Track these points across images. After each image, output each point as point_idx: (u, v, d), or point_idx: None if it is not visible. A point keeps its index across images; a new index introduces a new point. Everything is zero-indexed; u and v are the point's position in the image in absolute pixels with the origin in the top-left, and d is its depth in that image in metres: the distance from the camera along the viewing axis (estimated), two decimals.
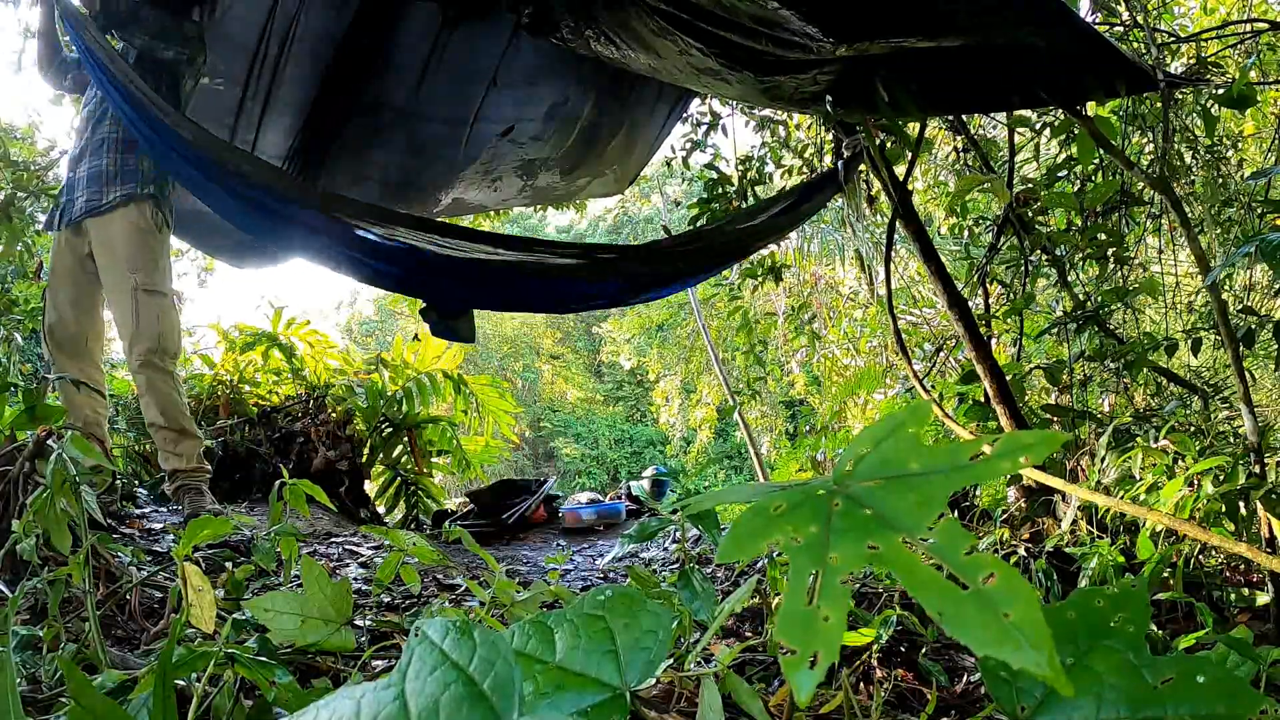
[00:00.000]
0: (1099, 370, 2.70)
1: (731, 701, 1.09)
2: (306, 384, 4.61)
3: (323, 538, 3.19)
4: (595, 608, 0.69)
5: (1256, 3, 3.83)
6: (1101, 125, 2.31)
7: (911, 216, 2.77)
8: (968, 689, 1.54)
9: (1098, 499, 1.45)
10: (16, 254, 3.55)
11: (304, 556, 1.27)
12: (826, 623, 0.35)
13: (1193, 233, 2.06)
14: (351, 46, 3.42)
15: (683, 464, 14.72)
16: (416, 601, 2.17)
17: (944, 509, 0.40)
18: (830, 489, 0.45)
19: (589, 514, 4.68)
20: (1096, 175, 2.81)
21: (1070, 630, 0.58)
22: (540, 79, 3.75)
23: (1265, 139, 3.66)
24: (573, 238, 22.18)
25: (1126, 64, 2.07)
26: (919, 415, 0.50)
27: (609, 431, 20.09)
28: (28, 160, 3.67)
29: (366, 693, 0.54)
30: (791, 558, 0.40)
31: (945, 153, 4.42)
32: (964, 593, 0.35)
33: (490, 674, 0.54)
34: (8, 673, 0.77)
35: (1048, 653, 0.32)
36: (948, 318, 2.96)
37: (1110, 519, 2.10)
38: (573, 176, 4.41)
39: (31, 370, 4.85)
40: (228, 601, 1.71)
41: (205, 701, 1.03)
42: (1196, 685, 0.51)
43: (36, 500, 1.32)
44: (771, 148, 4.04)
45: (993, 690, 0.57)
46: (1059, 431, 0.43)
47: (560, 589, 1.67)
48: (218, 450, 3.92)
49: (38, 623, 1.47)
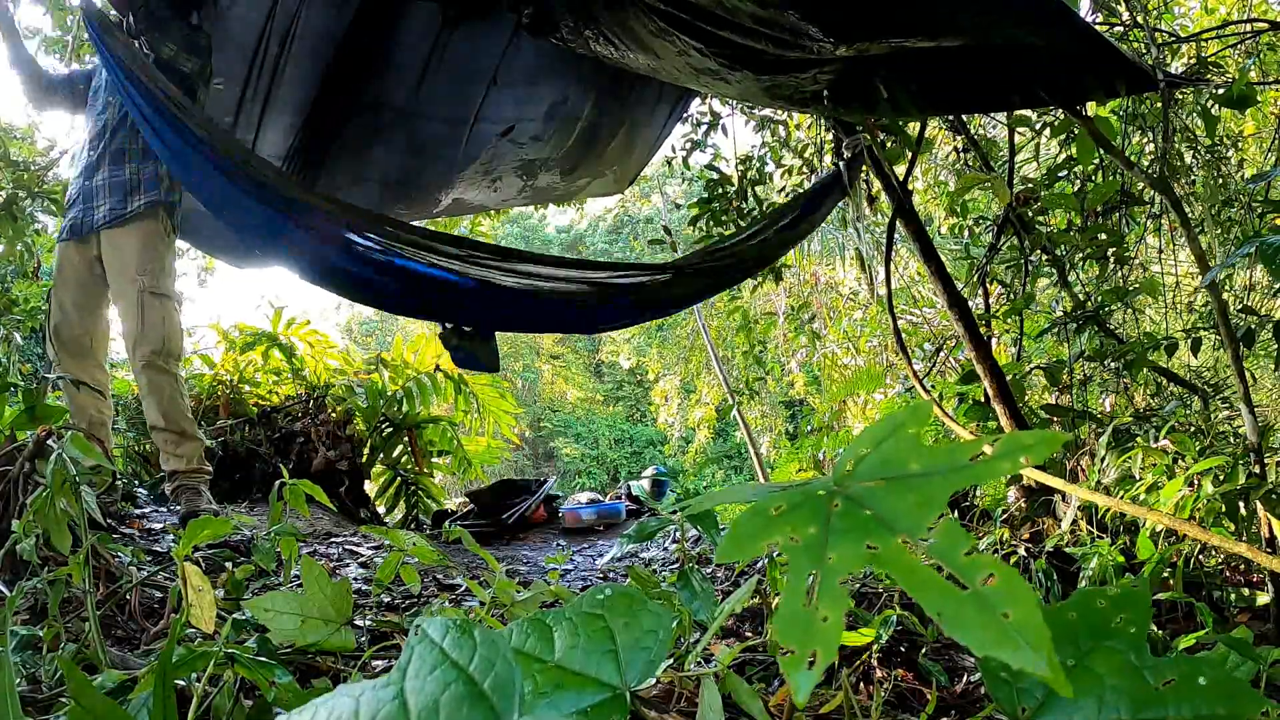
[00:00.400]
0: (1099, 370, 2.70)
1: (731, 701, 1.09)
2: (306, 384, 4.61)
3: (323, 538, 3.19)
4: (595, 607, 0.68)
5: (1256, 3, 3.83)
6: (1101, 125, 2.31)
7: (911, 216, 2.77)
8: (968, 689, 1.54)
9: (1098, 499, 1.45)
10: (17, 254, 3.55)
11: (304, 556, 1.27)
12: (825, 623, 0.35)
13: (1193, 233, 2.06)
14: (352, 46, 3.42)
15: (682, 464, 14.71)
16: (416, 601, 2.16)
17: (944, 509, 0.39)
18: (830, 489, 0.45)
19: (589, 514, 4.68)
20: (1097, 175, 2.81)
21: (1071, 631, 0.58)
22: (540, 79, 3.75)
23: (1265, 139, 3.66)
24: (572, 238, 22.19)
25: (1126, 64, 2.07)
26: (919, 415, 0.50)
27: (609, 431, 20.09)
28: (28, 160, 3.67)
29: (366, 691, 0.54)
30: (790, 558, 0.40)
31: (945, 153, 4.42)
32: (963, 593, 0.35)
33: (490, 673, 0.54)
34: (7, 673, 0.77)
35: (1047, 653, 0.32)
36: (948, 318, 2.96)
37: (1110, 519, 2.10)
38: (573, 176, 4.41)
39: (31, 370, 4.85)
40: (228, 601, 1.71)
41: (205, 701, 1.03)
42: (1198, 687, 0.51)
43: (36, 500, 1.32)
44: (771, 147, 4.04)
45: (993, 691, 0.57)
46: (1059, 431, 0.43)
47: (560, 589, 1.67)
48: (218, 450, 3.92)
49: (38, 623, 1.47)
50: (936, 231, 4.52)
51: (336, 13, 3.33)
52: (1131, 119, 2.73)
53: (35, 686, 1.19)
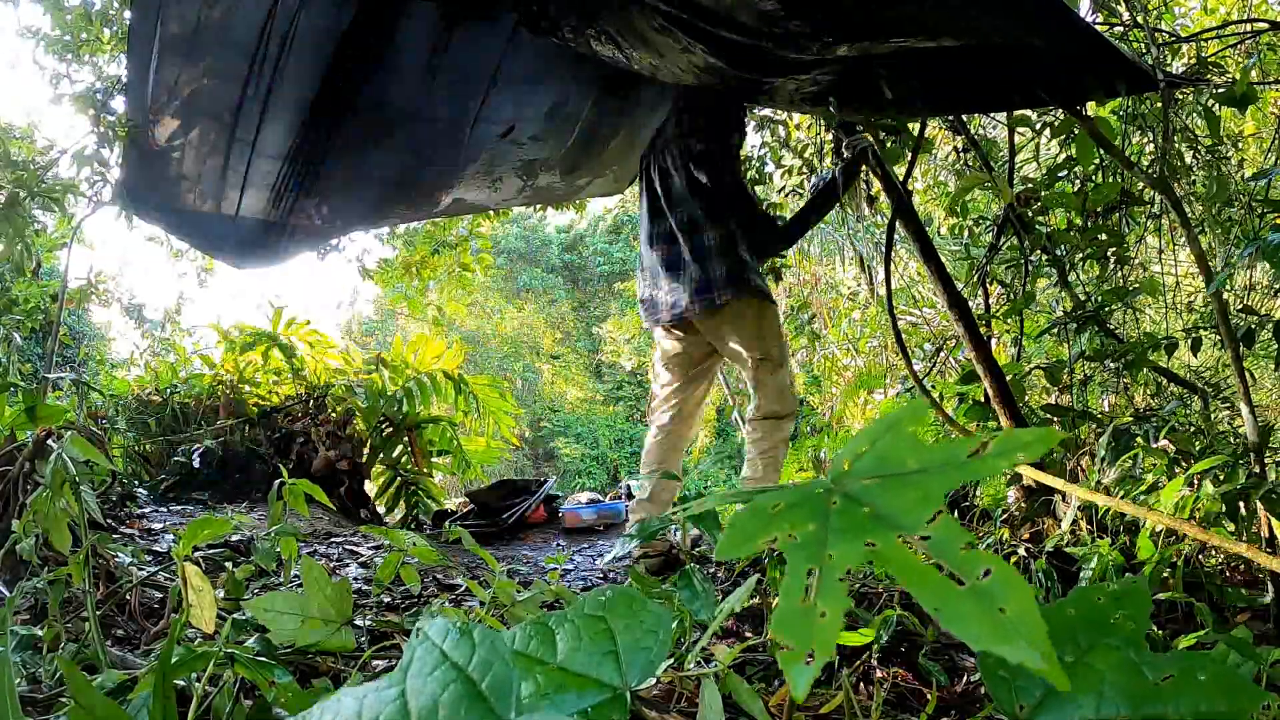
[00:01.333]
0: (1099, 370, 2.70)
1: (732, 701, 1.09)
2: (306, 384, 4.61)
3: (323, 538, 3.19)
4: (596, 608, 0.69)
5: (1256, 3, 3.83)
6: (1101, 125, 2.31)
7: (911, 216, 2.77)
8: (968, 689, 1.54)
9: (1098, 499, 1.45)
10: (16, 253, 3.55)
11: (304, 557, 1.27)
12: (823, 619, 0.35)
13: (1193, 233, 2.06)
14: (352, 45, 3.42)
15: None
16: (416, 601, 2.16)
17: (941, 506, 0.40)
18: (828, 487, 0.45)
19: (589, 514, 4.68)
20: (1097, 175, 2.81)
21: (1070, 628, 0.58)
22: (540, 79, 3.75)
23: (1265, 139, 3.66)
24: (572, 238, 22.19)
25: (1126, 64, 2.07)
26: (916, 414, 0.50)
27: (609, 431, 20.09)
28: (27, 160, 3.67)
29: (368, 693, 0.54)
30: (789, 555, 0.40)
31: (945, 153, 4.42)
32: (960, 589, 0.35)
33: (489, 674, 0.54)
34: (7, 673, 0.77)
35: (1043, 648, 0.32)
36: (948, 318, 2.96)
37: (1110, 519, 2.10)
38: (573, 176, 4.41)
39: (31, 370, 4.85)
40: (228, 601, 1.71)
41: (205, 701, 1.03)
42: (1197, 683, 0.51)
43: (37, 500, 1.32)
44: (771, 147, 4.04)
45: (991, 688, 0.57)
46: (1056, 430, 0.43)
47: (561, 589, 1.67)
48: (218, 450, 3.92)
49: (38, 623, 1.47)
50: (936, 231, 4.52)
51: (337, 12, 3.33)
52: (1132, 119, 2.73)
53: (35, 686, 1.19)
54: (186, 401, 4.34)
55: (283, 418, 4.33)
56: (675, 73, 2.71)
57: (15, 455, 1.81)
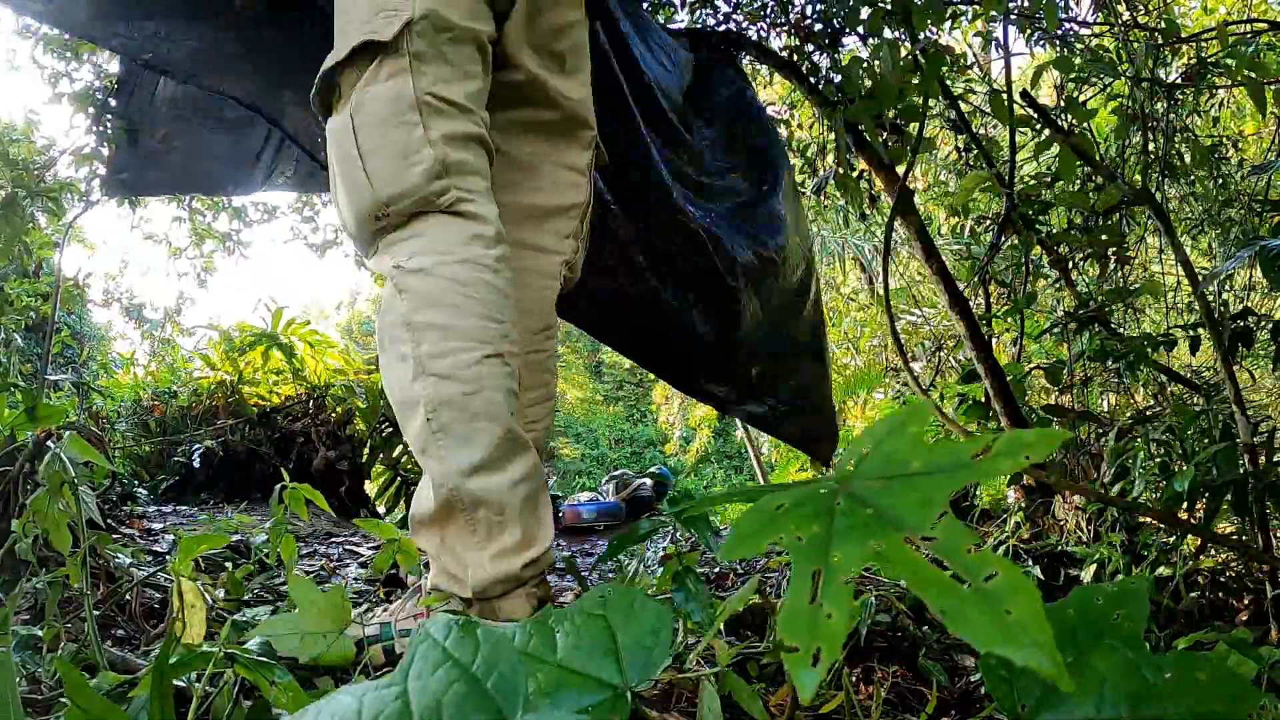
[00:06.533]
0: (1100, 370, 2.70)
1: (732, 701, 1.09)
2: (306, 384, 4.61)
3: (323, 538, 3.19)
4: (596, 607, 0.69)
5: (1256, 3, 3.83)
6: (1099, 128, 2.30)
7: (912, 216, 2.77)
8: (968, 688, 1.53)
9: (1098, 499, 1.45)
10: (15, 253, 3.54)
11: (293, 575, 1.27)
12: (830, 620, 0.35)
13: (1177, 240, 2.06)
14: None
15: (682, 463, 14.71)
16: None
17: (946, 507, 0.40)
18: (832, 488, 0.45)
19: (589, 513, 4.67)
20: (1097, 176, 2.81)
21: (1069, 629, 0.58)
22: None
23: (1265, 139, 3.67)
24: None
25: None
26: (919, 415, 0.50)
27: (609, 431, 20.09)
28: (27, 160, 3.67)
29: (369, 691, 0.54)
30: (794, 556, 0.40)
31: (945, 153, 4.42)
32: (966, 590, 0.35)
33: (494, 673, 0.54)
34: (7, 673, 0.77)
35: (1049, 649, 0.32)
36: (948, 318, 2.96)
37: (1110, 519, 2.10)
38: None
39: (31, 370, 4.85)
40: (228, 602, 1.71)
41: (205, 702, 1.03)
42: (1197, 683, 0.51)
43: (36, 501, 1.32)
44: None
45: (992, 689, 0.57)
46: (1059, 430, 0.43)
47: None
48: (218, 450, 3.92)
49: (38, 623, 1.47)
50: (937, 231, 4.53)
51: None
52: (1132, 119, 2.73)
53: (35, 686, 1.19)
54: (188, 405, 4.35)
55: (283, 418, 4.33)
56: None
57: (15, 455, 1.81)
